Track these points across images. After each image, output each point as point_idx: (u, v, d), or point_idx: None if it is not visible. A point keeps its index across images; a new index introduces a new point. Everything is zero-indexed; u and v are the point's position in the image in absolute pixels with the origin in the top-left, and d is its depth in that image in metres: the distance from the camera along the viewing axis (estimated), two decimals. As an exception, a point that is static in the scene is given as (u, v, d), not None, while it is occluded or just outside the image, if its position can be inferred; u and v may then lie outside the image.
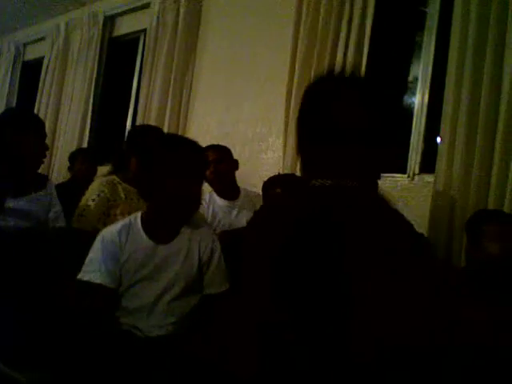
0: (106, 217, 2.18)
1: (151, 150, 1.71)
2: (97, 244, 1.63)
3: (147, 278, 1.61)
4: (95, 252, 1.61)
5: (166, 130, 3.65)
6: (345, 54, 2.81)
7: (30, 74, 5.60)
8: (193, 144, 1.67)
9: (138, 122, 3.94)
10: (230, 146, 2.89)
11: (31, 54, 5.66)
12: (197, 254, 1.68)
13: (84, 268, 1.59)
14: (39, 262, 1.86)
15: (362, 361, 0.85)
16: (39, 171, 2.38)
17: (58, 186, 2.72)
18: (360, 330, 0.86)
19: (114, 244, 1.61)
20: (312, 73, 2.92)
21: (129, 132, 3.07)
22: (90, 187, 2.31)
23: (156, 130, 2.59)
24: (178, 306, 1.64)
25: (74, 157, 3.78)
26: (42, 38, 5.31)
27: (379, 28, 2.83)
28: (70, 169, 3.79)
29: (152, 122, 3.68)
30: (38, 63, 5.38)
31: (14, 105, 5.50)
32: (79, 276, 1.59)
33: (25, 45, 5.70)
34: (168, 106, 3.76)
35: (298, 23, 3.03)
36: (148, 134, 2.48)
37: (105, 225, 1.98)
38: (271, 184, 2.41)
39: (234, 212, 2.79)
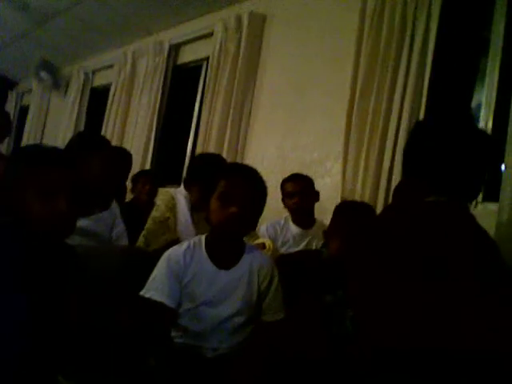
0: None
1: (210, 178, 1.76)
2: (162, 263, 1.65)
3: (208, 302, 1.62)
4: (160, 270, 1.64)
5: (224, 155, 3.72)
6: (406, 80, 2.80)
7: (97, 100, 5.85)
8: (248, 172, 1.70)
9: (198, 147, 4.04)
10: (286, 171, 2.93)
11: (99, 81, 5.93)
12: (256, 282, 1.70)
13: (147, 285, 1.62)
14: (102, 280, 1.92)
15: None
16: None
17: (121, 206, 2.82)
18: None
19: (179, 265, 1.63)
20: (372, 98, 2.92)
21: (191, 160, 3.17)
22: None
23: (216, 158, 2.66)
24: (237, 331, 1.66)
25: (136, 178, 3.89)
26: (110, 66, 5.57)
27: (442, 53, 2.82)
28: (132, 190, 3.91)
29: (211, 148, 3.78)
30: (105, 90, 5.64)
31: (82, 129, 5.74)
32: (142, 292, 1.62)
33: (93, 72, 5.98)
34: (227, 132, 3.85)
35: (359, 50, 3.05)
36: (209, 161, 2.57)
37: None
38: (348, 209, 2.37)
39: (306, 240, 2.78)
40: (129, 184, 3.94)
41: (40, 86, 6.63)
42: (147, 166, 4.58)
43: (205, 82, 4.34)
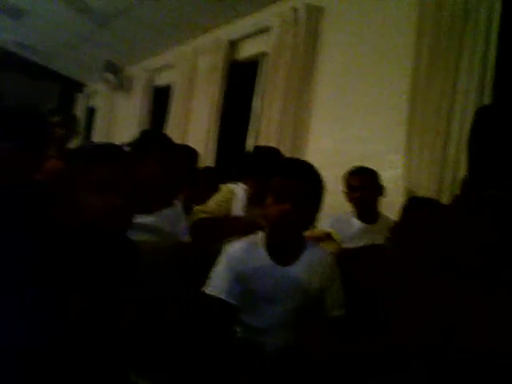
0: None
1: (265, 172, 1.76)
2: (222, 259, 1.68)
3: (267, 298, 1.63)
4: (220, 267, 1.66)
5: (285, 149, 3.71)
6: (470, 69, 2.70)
7: (160, 99, 5.97)
8: (303, 168, 1.69)
9: (259, 142, 4.05)
10: (347, 165, 2.87)
11: (161, 80, 6.05)
12: (317, 278, 1.69)
13: (208, 282, 1.65)
14: (166, 275, 1.95)
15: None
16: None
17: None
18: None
19: (238, 261, 1.64)
20: (435, 88, 2.82)
21: (246, 153, 3.19)
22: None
23: (271, 151, 2.67)
24: (297, 327, 1.65)
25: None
26: (171, 65, 5.67)
27: (505, 40, 2.70)
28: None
29: (271, 142, 3.77)
30: (167, 88, 5.75)
31: (146, 128, 5.87)
32: (203, 288, 1.64)
33: (155, 71, 6.10)
34: (287, 127, 3.83)
35: (420, 40, 2.95)
36: (263, 154, 2.57)
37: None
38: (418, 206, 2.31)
39: (369, 236, 2.71)
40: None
41: (106, 87, 6.85)
42: (209, 163, 4.63)
43: (263, 76, 4.34)
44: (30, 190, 1.30)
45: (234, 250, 1.69)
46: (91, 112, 7.66)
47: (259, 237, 1.72)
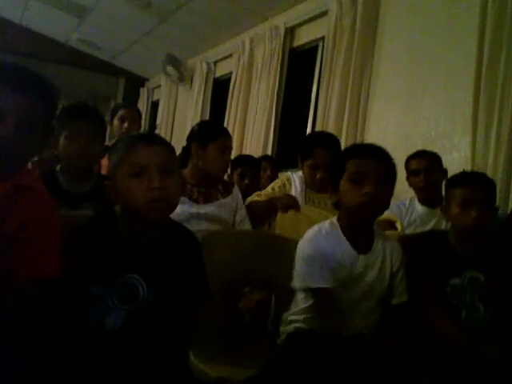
0: None
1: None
2: (308, 249, 1.64)
3: (344, 285, 1.60)
4: (311, 257, 1.62)
5: (344, 135, 3.67)
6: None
7: (220, 90, 6.03)
8: (377, 149, 1.64)
9: (317, 128, 4.01)
10: (410, 148, 2.80)
11: (221, 71, 6.10)
12: (389, 266, 1.67)
13: (306, 273, 1.61)
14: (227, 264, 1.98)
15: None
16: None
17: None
18: None
19: (323, 248, 1.61)
20: (501, 65, 2.68)
21: (301, 139, 3.19)
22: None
23: (324, 136, 2.66)
24: (370, 313, 1.66)
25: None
26: (230, 55, 5.71)
27: None
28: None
29: (330, 128, 3.73)
30: (227, 79, 5.80)
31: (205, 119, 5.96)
32: (308, 283, 1.61)
33: (215, 63, 6.16)
34: (346, 111, 3.76)
35: (483, 17, 2.81)
36: (316, 139, 2.57)
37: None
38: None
39: (433, 221, 2.65)
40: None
41: (167, 81, 6.99)
42: (268, 152, 4.64)
43: (321, 62, 4.28)
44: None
45: (316, 237, 1.65)
46: (154, 105, 7.84)
47: (333, 224, 1.68)
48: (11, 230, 1.22)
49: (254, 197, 2.58)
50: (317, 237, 1.65)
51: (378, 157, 1.60)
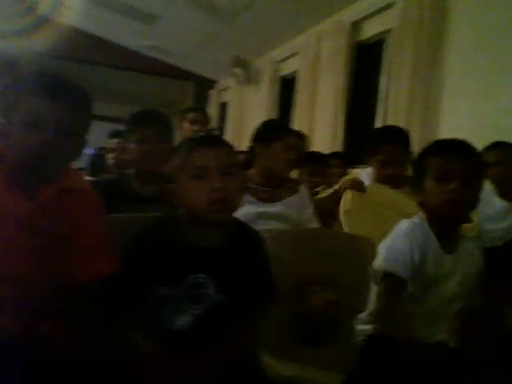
0: None
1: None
2: (402, 234, 1.59)
3: (431, 284, 1.56)
4: (399, 242, 1.57)
5: (415, 129, 3.56)
6: None
7: (287, 88, 6.02)
8: (462, 144, 1.55)
9: (387, 123, 3.93)
10: (486, 140, 2.66)
11: (287, 69, 6.09)
12: (472, 267, 1.61)
13: (387, 258, 1.56)
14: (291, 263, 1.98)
15: None
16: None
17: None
18: None
19: (418, 238, 1.56)
20: None
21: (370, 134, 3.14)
22: None
23: (392, 130, 2.59)
24: (455, 318, 1.61)
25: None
26: (295, 53, 5.69)
27: None
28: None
29: (401, 122, 3.63)
30: (293, 77, 5.79)
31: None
32: (374, 264, 1.57)
33: (281, 61, 6.16)
34: (416, 104, 3.65)
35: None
36: (385, 134, 2.51)
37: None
38: None
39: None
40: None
41: (235, 82, 7.07)
42: (337, 148, 4.59)
43: (388, 55, 4.19)
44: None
45: (412, 227, 1.58)
46: (223, 107, 7.95)
47: (421, 221, 1.61)
48: (61, 232, 1.28)
49: (321, 195, 2.57)
50: (412, 230, 1.58)
51: (464, 153, 1.52)
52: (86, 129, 1.37)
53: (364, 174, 2.54)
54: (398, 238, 1.58)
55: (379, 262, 1.56)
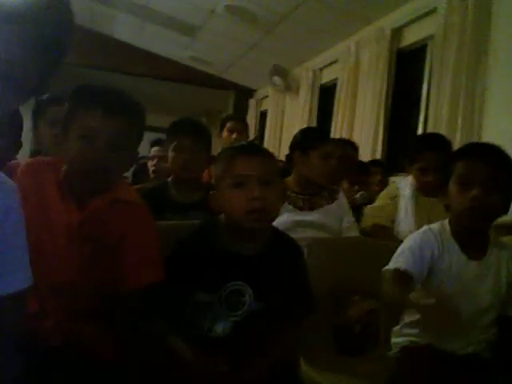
0: None
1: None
2: (416, 237, 1.58)
3: (458, 293, 1.52)
4: (412, 243, 1.56)
5: (458, 137, 3.49)
6: None
7: (326, 97, 6.00)
8: (489, 149, 1.52)
9: (428, 130, 3.85)
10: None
11: (327, 78, 6.07)
12: (505, 275, 1.55)
13: (393, 259, 1.55)
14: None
15: None
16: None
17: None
18: None
19: (435, 243, 1.54)
20: None
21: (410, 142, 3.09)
22: None
23: (435, 138, 2.54)
24: (486, 329, 1.56)
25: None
26: (335, 61, 5.66)
27: None
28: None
29: (443, 129, 3.55)
30: (332, 85, 5.76)
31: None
32: (387, 266, 1.54)
33: (321, 69, 6.14)
34: (459, 112, 3.56)
35: None
36: (425, 142, 2.47)
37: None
38: None
39: None
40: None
41: (274, 91, 7.09)
42: (377, 156, 4.53)
43: (430, 61, 4.12)
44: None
45: (429, 236, 1.56)
46: (263, 116, 7.99)
47: (444, 226, 1.59)
48: (111, 241, 1.32)
49: (369, 210, 2.54)
50: (428, 236, 1.56)
51: (488, 158, 1.48)
52: (138, 142, 1.41)
53: (404, 183, 2.50)
54: (413, 238, 1.57)
55: (394, 265, 1.52)
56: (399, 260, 1.51)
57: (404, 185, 2.47)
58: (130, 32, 6.92)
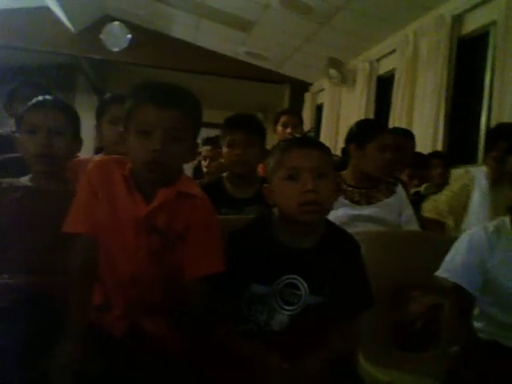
0: None
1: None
2: (463, 243, 1.57)
3: None
4: (459, 251, 1.56)
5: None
6: None
7: (384, 88, 5.88)
8: None
9: (493, 120, 3.71)
10: None
11: (384, 68, 5.94)
12: None
13: (444, 265, 1.56)
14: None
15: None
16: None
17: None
18: None
19: (483, 249, 1.52)
20: None
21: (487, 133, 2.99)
22: None
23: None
24: None
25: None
26: (393, 51, 5.53)
27: None
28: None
29: (506, 118, 3.42)
30: (390, 76, 5.65)
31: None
32: (437, 272, 1.57)
33: (378, 60, 6.02)
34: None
35: None
36: (504, 132, 2.38)
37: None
38: None
39: None
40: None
41: (330, 84, 7.01)
42: (438, 148, 4.40)
43: (493, 48, 3.96)
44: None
45: (479, 235, 1.55)
46: (319, 109, 7.92)
47: (504, 223, 1.56)
48: (176, 232, 1.37)
49: (431, 203, 2.47)
50: (479, 234, 1.54)
51: None
52: (195, 134, 1.44)
53: (479, 173, 2.43)
54: (461, 246, 1.55)
55: (444, 274, 1.53)
56: (449, 268, 1.53)
57: (479, 175, 2.40)
58: (186, 30, 7.02)
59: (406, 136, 3.11)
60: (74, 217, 1.37)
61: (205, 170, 3.64)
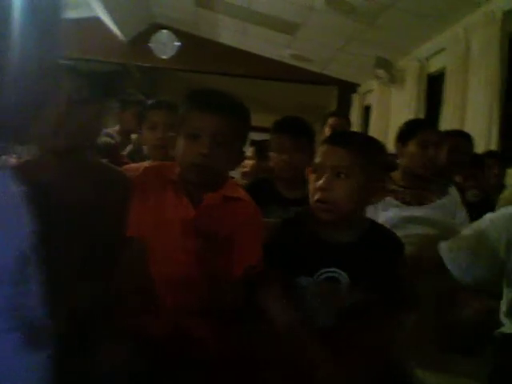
0: None
1: None
2: (483, 223, 1.57)
3: None
4: (478, 228, 1.57)
5: None
6: None
7: (434, 86, 5.76)
8: None
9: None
10: None
11: (434, 66, 5.82)
12: None
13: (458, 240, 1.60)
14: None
15: None
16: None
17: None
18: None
19: (498, 239, 1.49)
20: None
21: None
22: None
23: None
24: None
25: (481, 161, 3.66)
26: (443, 49, 5.41)
27: None
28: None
29: None
30: (440, 74, 5.53)
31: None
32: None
33: (427, 58, 5.91)
34: None
35: None
36: None
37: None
38: None
39: None
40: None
41: (379, 84, 6.93)
42: (492, 147, 4.27)
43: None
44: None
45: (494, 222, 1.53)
46: (367, 110, 7.83)
47: None
48: (223, 236, 1.40)
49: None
50: (497, 218, 1.51)
51: None
52: (242, 140, 1.49)
53: None
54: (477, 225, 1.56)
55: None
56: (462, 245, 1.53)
57: None
58: (232, 35, 7.11)
59: (463, 137, 3.03)
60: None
61: (243, 169, 3.64)
